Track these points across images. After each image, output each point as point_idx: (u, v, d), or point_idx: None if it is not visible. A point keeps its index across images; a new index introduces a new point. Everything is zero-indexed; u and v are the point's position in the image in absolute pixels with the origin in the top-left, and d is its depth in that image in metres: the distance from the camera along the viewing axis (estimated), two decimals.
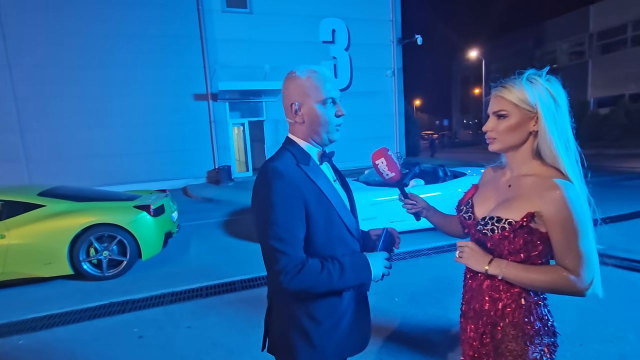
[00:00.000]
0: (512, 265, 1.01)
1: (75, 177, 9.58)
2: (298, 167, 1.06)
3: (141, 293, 3.68)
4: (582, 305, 3.03)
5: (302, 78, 1.08)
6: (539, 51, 24.60)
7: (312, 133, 1.12)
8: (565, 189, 0.95)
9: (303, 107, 1.08)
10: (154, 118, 10.91)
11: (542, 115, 0.99)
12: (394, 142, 14.09)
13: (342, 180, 1.25)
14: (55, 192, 4.33)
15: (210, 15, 11.30)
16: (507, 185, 1.08)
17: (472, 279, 1.17)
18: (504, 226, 1.01)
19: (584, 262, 0.96)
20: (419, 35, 12.92)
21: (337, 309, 1.11)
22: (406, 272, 3.98)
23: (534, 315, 1.05)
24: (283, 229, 0.99)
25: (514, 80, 1.03)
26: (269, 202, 0.99)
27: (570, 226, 0.94)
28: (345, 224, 1.11)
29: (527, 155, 1.05)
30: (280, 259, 0.98)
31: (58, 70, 9.90)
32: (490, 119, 1.06)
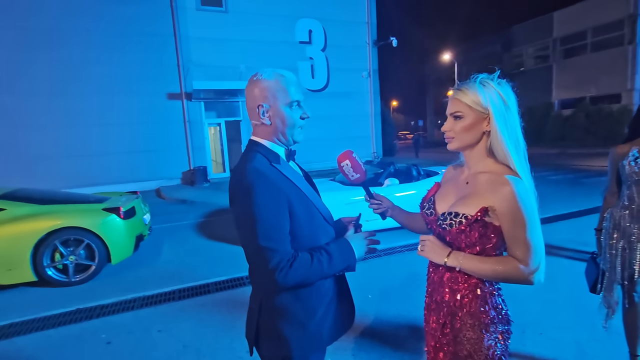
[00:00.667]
0: (468, 257, 1.08)
1: (41, 178, 9.10)
2: (272, 167, 1.08)
3: (110, 298, 3.56)
4: (542, 296, 3.21)
5: (269, 81, 1.10)
6: (507, 55, 25.65)
7: (277, 134, 1.15)
8: (515, 184, 1.02)
9: (271, 109, 1.11)
10: (125, 117, 10.55)
11: (493, 116, 1.06)
12: (370, 142, 14.30)
13: (306, 176, 1.29)
14: (16, 195, 4.12)
15: (184, 12, 11.05)
16: (465, 182, 1.15)
17: (434, 273, 1.23)
18: (461, 220, 1.07)
19: (532, 251, 1.02)
20: (394, 38, 13.17)
21: (327, 295, 1.16)
22: (380, 269, 4.07)
23: (489, 305, 1.12)
24: (271, 227, 1.00)
25: (469, 83, 1.10)
26: (253, 203, 0.99)
27: (519, 219, 1.01)
28: (322, 214, 1.17)
29: (482, 154, 1.12)
30: (273, 257, 1.00)
31: (22, 66, 9.38)
32: (448, 120, 1.13)
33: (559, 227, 5.33)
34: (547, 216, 5.96)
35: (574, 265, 3.87)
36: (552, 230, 5.16)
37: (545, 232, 3.59)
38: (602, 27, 19.48)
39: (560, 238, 4.72)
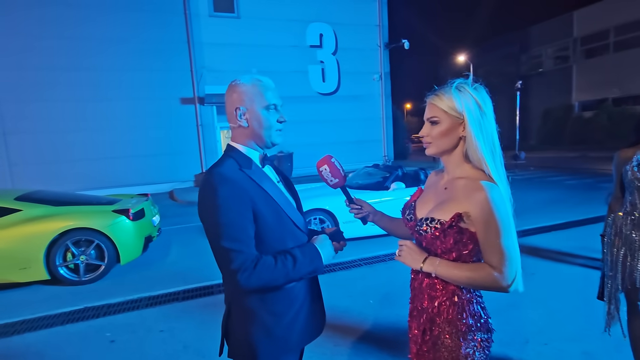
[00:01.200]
0: (444, 263, 1.07)
1: (59, 180, 9.47)
2: (241, 172, 1.10)
3: (117, 297, 3.67)
4: (549, 304, 3.12)
5: (247, 85, 1.15)
6: (525, 55, 25.07)
7: (254, 137, 1.17)
8: (489, 190, 1.01)
9: (248, 112, 1.14)
10: (140, 121, 10.85)
11: (468, 122, 1.05)
12: (382, 146, 14.21)
13: (285, 182, 1.31)
14: (32, 197, 4.30)
15: (198, 19, 11.32)
16: (444, 188, 1.15)
17: (414, 279, 1.23)
18: (436, 226, 1.07)
19: (506, 259, 1.01)
20: (406, 40, 13.09)
21: (296, 301, 1.17)
22: (382, 274, 4.03)
23: (467, 312, 1.10)
24: (234, 229, 1.02)
25: (445, 88, 1.10)
26: (216, 205, 1.02)
27: (493, 225, 1.00)
28: (293, 221, 1.17)
29: (459, 159, 1.11)
30: (236, 257, 1.01)
31: (42, 72, 9.80)
32: (425, 125, 1.13)
33: (572, 234, 5.15)
34: (559, 222, 5.78)
35: (585, 274, 3.74)
36: (564, 237, 5.00)
37: (557, 239, 3.52)
38: (626, 26, 18.81)
39: (573, 245, 4.57)
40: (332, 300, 3.37)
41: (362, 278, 3.95)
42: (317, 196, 5.20)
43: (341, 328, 2.91)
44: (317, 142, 12.82)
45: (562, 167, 13.07)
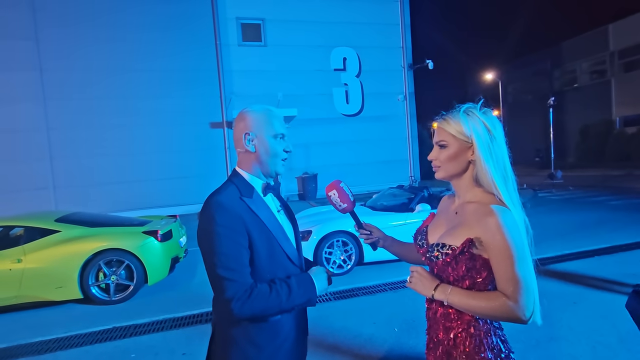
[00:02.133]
0: (456, 291, 1.03)
1: (98, 202, 10.02)
2: (241, 200, 1.12)
3: (143, 318, 3.74)
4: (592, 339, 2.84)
5: (257, 113, 1.19)
6: (558, 71, 24.23)
7: (259, 163, 1.19)
8: (501, 215, 0.97)
9: (257, 138, 1.17)
10: (173, 145, 11.40)
11: (477, 145, 1.04)
12: (408, 166, 13.99)
13: (287, 211, 1.31)
14: (70, 218, 4.56)
15: (228, 49, 11.96)
16: (455, 213, 1.12)
17: (429, 309, 1.17)
18: (447, 252, 1.04)
19: (521, 288, 0.95)
20: (430, 60, 13.09)
21: (279, 334, 1.15)
22: (409, 299, 3.86)
23: (485, 345, 1.04)
24: (229, 258, 1.03)
25: (453, 112, 1.09)
26: (213, 233, 1.04)
27: (505, 252, 0.96)
28: (286, 253, 1.17)
29: (469, 183, 1.09)
30: (229, 286, 1.02)
31: (87, 102, 10.64)
32: (434, 149, 1.12)
33: (619, 259, 4.74)
34: (604, 246, 5.35)
35: None
36: (610, 263, 4.60)
37: (602, 265, 3.28)
38: None
39: (620, 272, 4.19)
40: (356, 327, 3.26)
41: (387, 304, 3.81)
42: (340, 218, 5.15)
43: (364, 357, 2.79)
44: (342, 163, 12.84)
45: (604, 186, 12.21)
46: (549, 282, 4.13)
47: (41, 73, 10.34)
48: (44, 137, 10.42)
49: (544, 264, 4.74)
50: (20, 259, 4.02)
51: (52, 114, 10.45)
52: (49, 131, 10.45)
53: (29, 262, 4.03)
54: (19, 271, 3.99)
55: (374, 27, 13.40)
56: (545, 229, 6.73)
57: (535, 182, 14.01)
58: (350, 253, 4.91)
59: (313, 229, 4.91)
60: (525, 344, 2.80)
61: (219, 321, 1.17)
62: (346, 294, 4.14)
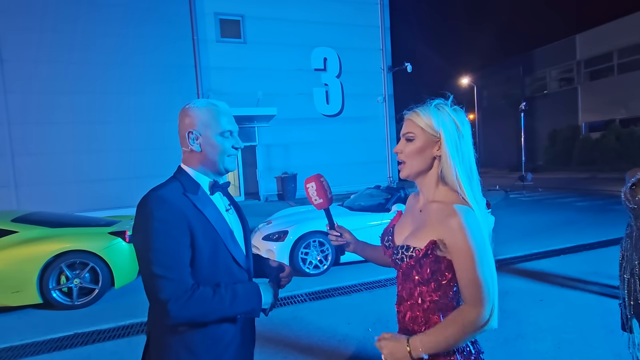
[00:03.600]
0: (425, 340, 0.96)
1: (63, 201, 9.52)
2: (184, 196, 1.05)
3: (108, 323, 3.55)
4: (558, 335, 2.92)
5: (201, 109, 1.11)
6: (529, 78, 25.26)
7: (206, 162, 1.12)
8: (463, 215, 0.95)
9: (202, 137, 1.10)
10: (146, 143, 11.00)
11: (444, 140, 1.02)
12: (387, 167, 14.16)
13: (237, 210, 1.24)
14: (29, 218, 4.28)
15: (205, 44, 11.67)
16: (419, 211, 1.10)
17: (398, 313, 1.13)
18: (411, 255, 1.01)
19: (483, 291, 0.92)
20: (409, 63, 13.29)
21: (220, 342, 1.07)
22: (383, 299, 3.87)
23: (454, 349, 0.99)
24: (167, 255, 0.95)
25: (424, 106, 1.07)
26: (150, 229, 0.96)
27: (466, 253, 0.93)
28: (231, 254, 1.10)
29: (434, 181, 1.06)
30: (166, 286, 0.94)
31: (51, 96, 10.08)
32: (401, 141, 1.10)
33: (583, 258, 4.94)
34: (569, 246, 5.58)
35: (598, 301, 3.53)
36: (575, 261, 4.80)
37: (567, 264, 3.38)
38: (629, 49, 18.96)
39: (584, 270, 4.37)
40: (330, 327, 3.23)
41: (362, 304, 3.79)
42: (317, 218, 5.11)
43: (338, 357, 2.76)
44: (322, 163, 12.82)
45: (571, 188, 12.80)
46: (517, 280, 4.25)
47: (1, 64, 9.72)
48: (4, 131, 9.80)
49: (513, 263, 4.88)
50: None
51: (14, 107, 9.84)
52: (10, 125, 9.83)
53: None
54: None
55: (355, 28, 13.47)
56: (515, 229, 6.95)
57: (506, 183, 14.52)
58: (327, 253, 4.88)
59: (290, 229, 4.85)
60: (494, 342, 2.85)
61: (153, 327, 1.08)
62: (322, 295, 4.10)
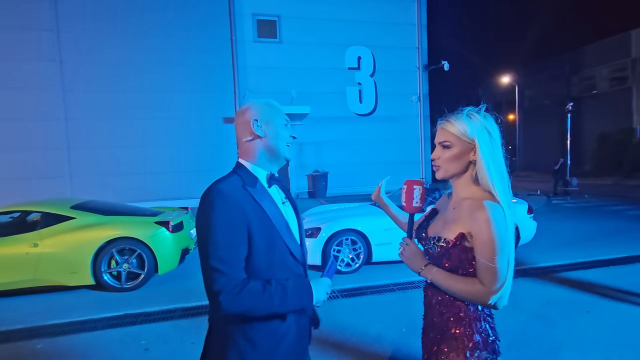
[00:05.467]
0: (440, 272, 1.13)
1: (112, 192, 10.19)
2: (244, 189, 1.08)
3: (154, 307, 3.80)
4: (606, 348, 2.77)
5: (262, 103, 1.19)
6: (576, 77, 23.71)
7: (268, 149, 1.16)
8: (491, 210, 1.05)
9: (265, 124, 1.15)
10: (186, 139, 11.54)
11: (479, 147, 1.10)
12: (420, 167, 13.88)
13: (292, 204, 1.26)
14: (86, 206, 4.66)
15: (243, 45, 12.03)
16: (452, 208, 1.19)
17: (425, 297, 1.27)
18: (442, 245, 1.12)
19: (497, 277, 1.04)
20: (446, 62, 12.93)
21: (276, 332, 1.10)
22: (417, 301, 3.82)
23: (473, 329, 1.12)
24: (223, 249, 0.99)
25: (456, 115, 1.15)
26: (211, 222, 1.00)
27: (489, 243, 1.03)
28: (288, 247, 1.12)
29: (467, 182, 1.15)
30: (220, 279, 0.98)
31: (104, 94, 10.84)
32: (437, 148, 1.18)
33: (635, 270, 4.61)
34: (620, 256, 5.22)
35: None
36: (626, 273, 4.49)
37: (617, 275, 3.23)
38: None
39: (635, 282, 4.08)
40: (363, 325, 3.26)
41: (394, 304, 3.79)
42: (350, 216, 5.14)
43: (371, 356, 2.78)
44: (353, 162, 12.81)
45: (621, 195, 11.90)
46: (561, 289, 4.05)
47: (61, 64, 10.57)
48: (62, 126, 10.66)
49: (556, 271, 4.66)
50: (36, 244, 4.13)
51: (71, 104, 10.68)
52: (67, 121, 10.68)
53: (44, 247, 4.13)
54: (35, 255, 4.09)
55: (390, 26, 13.30)
56: (558, 236, 6.59)
57: (549, 188, 13.74)
58: (359, 252, 4.90)
59: (322, 226, 4.91)
60: (536, 350, 2.75)
61: (213, 316, 1.14)
62: (354, 292, 4.14)
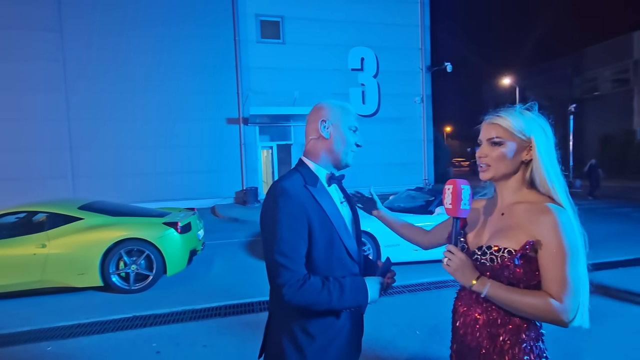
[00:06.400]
0: (496, 284, 0.98)
1: (115, 193, 10.17)
2: (305, 188, 1.12)
3: (163, 308, 3.76)
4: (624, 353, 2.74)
5: (336, 105, 1.21)
6: (578, 78, 23.73)
7: (329, 151, 1.19)
8: (558, 213, 0.95)
9: (333, 126, 1.18)
10: (189, 140, 11.52)
11: (536, 145, 1.01)
12: (422, 169, 13.86)
13: (350, 204, 1.29)
14: (93, 207, 4.62)
15: (246, 45, 12.02)
16: (501, 214, 1.07)
17: (465, 315, 1.12)
18: (504, 255, 0.99)
19: (569, 289, 0.92)
20: (449, 63, 12.94)
21: (333, 327, 1.14)
22: (429, 303, 3.80)
23: (534, 353, 1.01)
24: (287, 245, 1.04)
25: (508, 110, 1.05)
26: (276, 219, 1.05)
27: (558, 250, 0.93)
28: (345, 246, 1.15)
29: (519, 185, 1.05)
30: (284, 273, 1.03)
31: (107, 94, 10.82)
32: (484, 146, 1.06)
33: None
34: (632, 258, 5.19)
35: None
36: (635, 275, 4.46)
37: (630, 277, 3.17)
38: None
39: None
40: (376, 329, 3.21)
41: (406, 306, 3.75)
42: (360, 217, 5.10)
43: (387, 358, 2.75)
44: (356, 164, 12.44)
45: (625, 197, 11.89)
46: None
47: (64, 64, 10.55)
48: (64, 127, 10.62)
49: None
50: (44, 244, 4.08)
51: (74, 105, 10.65)
52: (69, 121, 10.65)
53: (52, 248, 4.09)
54: (42, 256, 4.05)
55: (393, 27, 13.31)
56: None
57: None
58: (368, 253, 4.87)
59: None
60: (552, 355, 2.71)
61: (274, 307, 1.18)
62: None
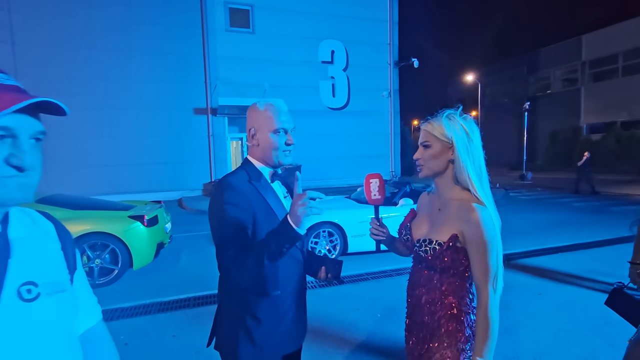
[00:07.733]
0: (477, 346, 1.13)
1: (75, 185, 9.66)
2: (250, 183, 1.23)
3: (130, 302, 3.75)
4: (556, 326, 3.14)
5: (260, 110, 1.27)
6: (533, 77, 25.29)
7: (264, 156, 1.29)
8: (480, 212, 1.13)
9: (258, 133, 1.27)
10: (154, 130, 11.13)
11: (456, 146, 1.18)
12: (389, 161, 14.31)
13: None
14: (52, 200, 4.45)
15: (214, 33, 11.71)
16: (438, 210, 1.26)
17: (412, 295, 1.31)
18: (435, 247, 1.18)
19: (491, 275, 1.13)
20: (415, 59, 13.35)
21: (278, 311, 1.25)
22: (390, 288, 4.07)
23: (465, 323, 1.20)
24: (230, 231, 1.14)
25: (437, 117, 1.24)
26: (222, 210, 1.15)
27: (482, 245, 1.12)
28: None
29: (450, 181, 1.23)
30: (229, 257, 1.11)
31: (63, 80, 10.16)
32: (419, 149, 1.26)
33: (580, 256, 5.16)
34: (567, 244, 5.79)
35: (593, 297, 3.74)
36: (572, 259, 5.01)
37: (564, 261, 3.59)
38: (635, 51, 18.99)
39: (581, 267, 4.58)
40: (340, 313, 3.43)
41: (369, 292, 4.00)
42: (326, 209, 5.29)
43: (349, 342, 2.96)
44: (326, 156, 12.98)
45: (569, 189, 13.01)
46: (516, 274, 4.46)
47: (12, 47, 9.77)
48: None
49: (513, 259, 5.10)
50: None
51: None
52: None
53: None
54: None
55: (363, 22, 13.49)
56: (515, 226, 7.15)
57: (507, 182, 14.72)
58: (335, 243, 5.08)
59: None
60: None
61: (223, 295, 1.27)
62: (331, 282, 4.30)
